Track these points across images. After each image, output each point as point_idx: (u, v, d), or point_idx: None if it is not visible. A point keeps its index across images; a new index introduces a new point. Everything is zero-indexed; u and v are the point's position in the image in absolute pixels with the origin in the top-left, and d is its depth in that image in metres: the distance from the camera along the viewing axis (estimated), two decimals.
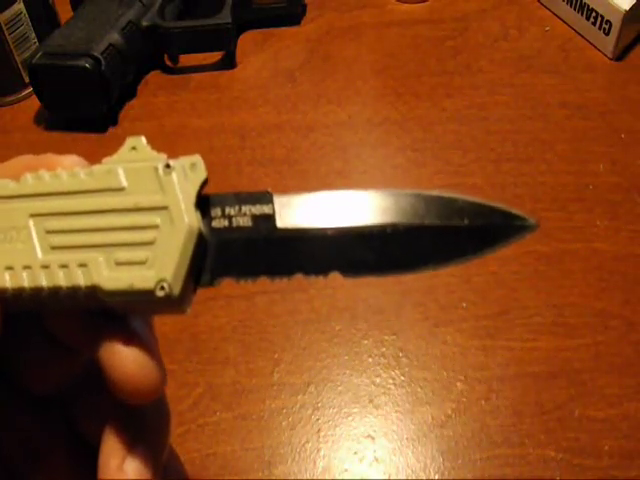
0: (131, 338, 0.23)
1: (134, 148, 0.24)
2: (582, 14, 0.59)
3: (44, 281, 0.22)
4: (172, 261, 0.22)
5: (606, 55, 0.58)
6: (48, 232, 0.23)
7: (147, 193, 0.23)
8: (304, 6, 0.65)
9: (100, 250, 0.22)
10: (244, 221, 0.23)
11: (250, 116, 0.57)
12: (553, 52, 0.59)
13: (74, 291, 0.22)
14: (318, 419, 0.39)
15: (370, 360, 0.41)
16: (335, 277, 0.22)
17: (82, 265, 0.22)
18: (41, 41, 0.58)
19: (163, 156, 0.23)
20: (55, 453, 0.26)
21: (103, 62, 0.54)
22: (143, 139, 0.24)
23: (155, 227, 0.22)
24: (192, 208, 0.22)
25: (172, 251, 0.22)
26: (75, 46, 0.54)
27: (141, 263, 0.22)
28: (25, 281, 0.22)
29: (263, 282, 0.23)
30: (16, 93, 0.60)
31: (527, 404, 0.39)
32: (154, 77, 0.61)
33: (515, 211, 0.23)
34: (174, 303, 0.22)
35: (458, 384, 0.40)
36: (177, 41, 0.60)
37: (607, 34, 0.57)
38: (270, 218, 0.23)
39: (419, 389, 0.40)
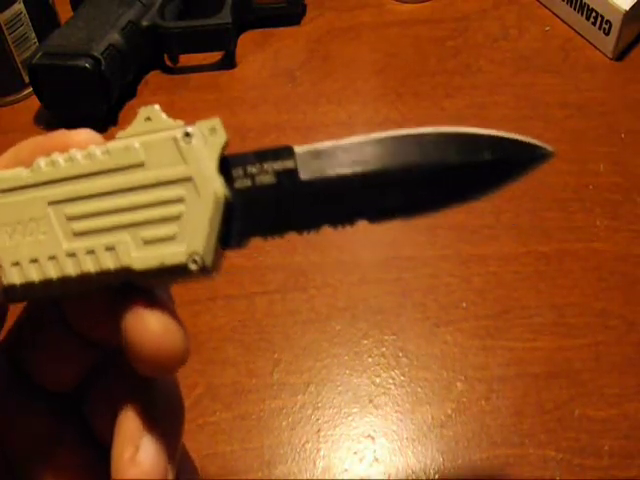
0: (154, 303, 0.22)
1: (148, 118, 0.22)
2: (582, 14, 0.59)
3: (72, 270, 0.22)
4: (202, 233, 0.21)
5: (606, 55, 0.58)
6: (69, 219, 0.22)
7: (168, 165, 0.22)
8: (304, 6, 0.65)
9: (126, 230, 0.22)
10: (267, 178, 0.22)
11: (250, 116, 0.57)
12: (553, 52, 0.59)
13: (103, 275, 0.22)
14: (318, 419, 0.39)
15: (370, 360, 0.41)
16: (362, 224, 0.22)
17: (109, 248, 0.22)
18: (41, 41, 0.58)
19: (180, 123, 0.22)
20: (65, 451, 0.26)
21: (103, 62, 0.54)
22: (157, 107, 0.23)
23: (180, 200, 0.21)
24: (216, 175, 0.22)
25: (201, 222, 0.21)
26: (75, 46, 0.54)
27: (170, 238, 0.21)
28: (52, 272, 0.22)
29: (285, 243, 0.22)
30: (16, 93, 0.60)
31: (527, 404, 0.39)
32: (154, 77, 0.61)
33: (533, 140, 0.23)
34: (206, 273, 0.21)
35: (458, 384, 0.40)
36: (177, 41, 0.60)
37: (607, 34, 0.57)
38: (293, 172, 0.22)
39: (419, 389, 0.40)
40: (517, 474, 0.37)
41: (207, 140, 0.22)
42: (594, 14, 0.57)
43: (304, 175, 0.22)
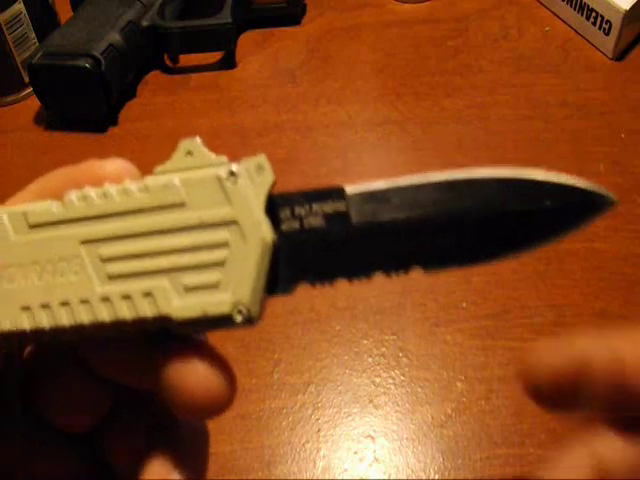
0: (200, 350, 0.21)
1: (189, 152, 0.21)
2: (582, 14, 0.59)
3: (106, 315, 0.20)
4: (248, 281, 0.20)
5: (606, 55, 0.58)
6: (103, 260, 0.20)
7: (212, 206, 0.20)
8: (304, 6, 0.65)
9: (165, 275, 0.20)
10: (316, 221, 0.21)
11: (250, 116, 0.57)
12: (553, 52, 0.59)
13: (140, 323, 0.20)
14: (318, 419, 0.39)
15: (370, 360, 0.41)
16: (416, 272, 0.21)
17: (147, 294, 0.20)
18: (41, 41, 0.58)
19: (224, 159, 0.21)
20: None
21: (103, 62, 0.54)
22: (198, 140, 0.21)
23: (225, 244, 0.20)
24: (264, 218, 0.20)
25: (246, 270, 0.20)
26: (75, 46, 0.54)
27: (213, 286, 0.20)
28: (84, 317, 0.20)
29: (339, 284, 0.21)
30: (16, 93, 0.60)
31: (527, 404, 0.39)
32: (154, 77, 0.61)
33: (596, 188, 0.22)
34: (251, 324, 0.20)
35: (458, 384, 0.40)
36: (177, 41, 0.60)
37: (607, 34, 0.57)
38: (344, 215, 0.21)
39: (419, 389, 0.40)
40: (517, 474, 0.37)
41: (253, 179, 0.20)
42: (594, 14, 0.57)
43: (356, 218, 0.21)
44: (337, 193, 0.21)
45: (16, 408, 0.24)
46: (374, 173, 0.52)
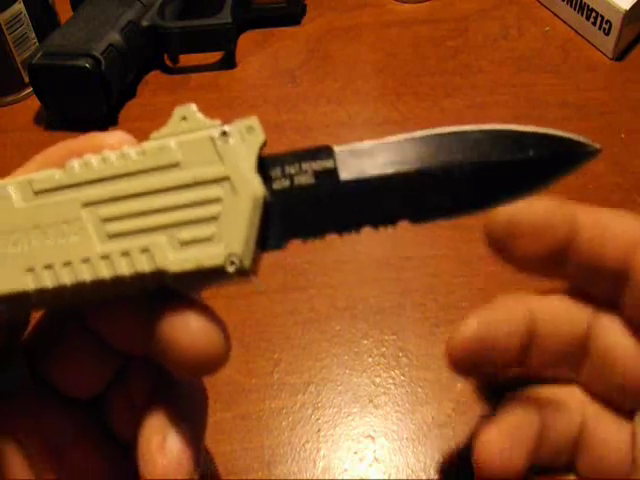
0: (193, 304, 0.22)
1: (184, 118, 0.22)
2: (582, 14, 0.59)
3: (105, 272, 0.21)
4: (240, 233, 0.21)
5: (606, 55, 0.58)
6: (103, 220, 0.21)
7: (205, 165, 0.21)
8: (304, 6, 0.65)
9: (162, 232, 0.21)
10: (306, 179, 0.22)
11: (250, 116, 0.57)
12: (553, 52, 0.59)
13: (138, 279, 0.21)
14: (318, 419, 0.39)
15: (370, 360, 0.41)
16: (403, 225, 0.22)
17: (144, 250, 0.21)
18: (41, 41, 0.58)
19: (217, 122, 0.22)
20: (85, 450, 0.26)
21: (103, 62, 0.54)
22: (193, 106, 0.22)
23: (218, 200, 0.21)
24: (254, 175, 0.21)
25: (239, 223, 0.21)
26: (75, 46, 0.54)
27: (207, 240, 0.21)
28: (86, 275, 0.21)
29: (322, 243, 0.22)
30: (16, 93, 0.60)
31: None
32: (154, 77, 0.61)
33: (579, 137, 0.22)
34: (244, 275, 0.21)
35: (458, 384, 0.40)
36: (177, 41, 0.60)
37: (607, 34, 0.57)
38: (333, 172, 0.22)
39: (419, 389, 0.40)
40: None
41: (245, 139, 0.22)
42: (594, 14, 0.57)
43: (344, 175, 0.22)
44: (325, 151, 0.22)
45: (23, 372, 0.25)
46: None
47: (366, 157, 0.22)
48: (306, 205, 0.22)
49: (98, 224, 0.21)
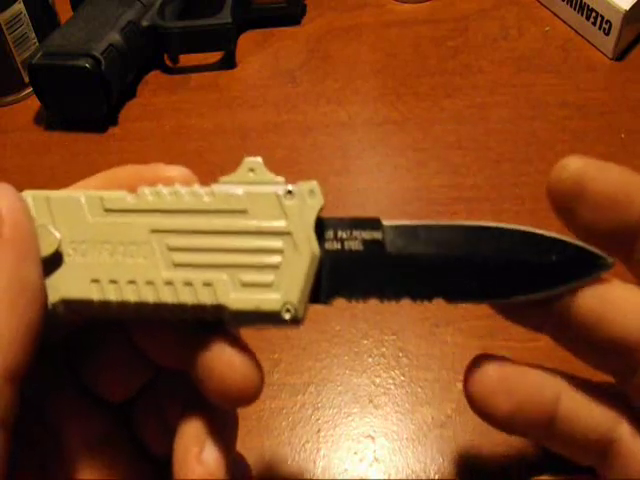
0: (238, 343, 0.23)
1: (252, 169, 0.24)
2: (582, 14, 0.59)
3: (168, 297, 0.22)
4: (297, 285, 0.22)
5: (606, 55, 0.58)
6: (170, 249, 0.23)
7: (269, 217, 0.23)
8: (304, 6, 0.65)
9: (224, 270, 0.23)
10: (355, 245, 0.24)
11: (250, 116, 0.57)
12: (553, 52, 0.59)
13: (198, 309, 0.22)
14: (318, 419, 0.39)
15: (370, 360, 0.41)
16: (438, 302, 0.24)
17: (207, 284, 0.22)
18: (41, 41, 0.58)
19: (281, 179, 0.24)
20: (113, 455, 0.26)
21: (103, 62, 0.54)
22: (260, 160, 0.24)
23: (279, 251, 0.23)
24: (313, 235, 0.23)
25: (297, 276, 0.22)
26: (75, 46, 0.55)
27: (267, 286, 0.22)
28: (149, 296, 0.22)
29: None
30: (16, 93, 0.60)
31: None
32: (154, 77, 0.61)
33: (595, 250, 0.24)
34: (297, 324, 0.23)
35: (458, 384, 0.40)
36: (177, 41, 0.60)
37: (607, 34, 0.57)
38: (380, 243, 0.24)
39: (419, 389, 0.40)
40: (517, 474, 0.37)
41: (306, 201, 0.23)
42: (594, 14, 0.57)
43: (390, 248, 0.24)
44: (375, 223, 0.24)
45: (61, 371, 0.26)
46: (374, 173, 0.52)
47: (411, 235, 0.24)
48: (353, 269, 0.24)
49: (165, 251, 0.23)
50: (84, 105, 0.56)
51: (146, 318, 0.23)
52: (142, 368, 0.26)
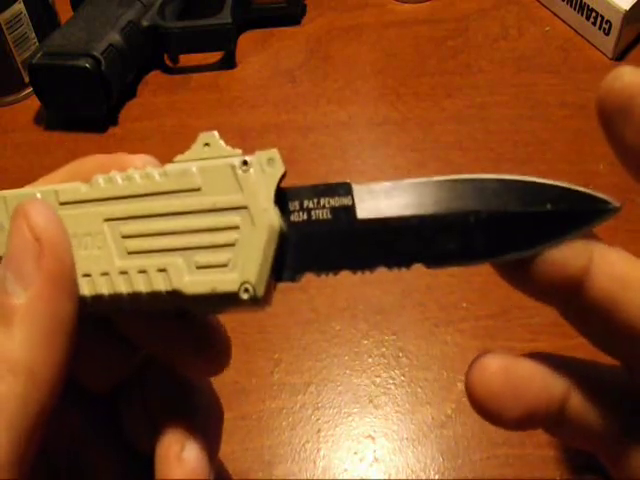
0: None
1: (207, 144, 0.23)
2: (582, 14, 0.59)
3: (123, 287, 0.22)
4: (255, 262, 0.21)
5: (606, 55, 0.58)
6: (124, 237, 0.22)
7: (225, 192, 0.22)
8: (304, 6, 0.65)
9: (179, 253, 0.22)
10: (323, 214, 0.22)
11: (250, 116, 0.57)
12: (553, 52, 0.59)
13: (154, 297, 0.22)
14: (318, 419, 0.39)
15: (370, 360, 0.41)
16: (418, 268, 0.22)
17: (161, 270, 0.22)
18: (41, 41, 0.58)
19: (238, 151, 0.23)
20: (94, 448, 0.26)
21: (103, 62, 0.54)
22: (216, 134, 0.23)
23: (235, 228, 0.21)
24: (272, 206, 0.21)
25: (254, 252, 0.21)
26: (75, 46, 0.55)
27: (223, 265, 0.21)
28: (104, 288, 0.22)
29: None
30: (16, 93, 0.60)
31: None
32: (154, 77, 0.61)
33: (598, 194, 0.22)
34: (257, 304, 0.21)
35: (458, 384, 0.40)
36: (177, 41, 0.60)
37: (607, 34, 0.57)
38: (350, 209, 0.22)
39: (419, 389, 0.40)
40: (517, 474, 0.37)
41: (264, 170, 0.22)
42: (594, 14, 0.57)
43: (361, 213, 0.22)
44: (344, 188, 0.22)
45: None
46: (374, 173, 0.52)
47: (383, 197, 0.22)
48: (322, 240, 0.22)
49: (119, 240, 0.22)
50: (84, 105, 0.56)
51: (108, 311, 0.23)
52: (124, 353, 0.25)
